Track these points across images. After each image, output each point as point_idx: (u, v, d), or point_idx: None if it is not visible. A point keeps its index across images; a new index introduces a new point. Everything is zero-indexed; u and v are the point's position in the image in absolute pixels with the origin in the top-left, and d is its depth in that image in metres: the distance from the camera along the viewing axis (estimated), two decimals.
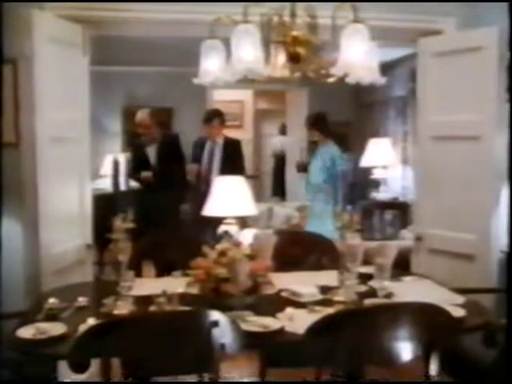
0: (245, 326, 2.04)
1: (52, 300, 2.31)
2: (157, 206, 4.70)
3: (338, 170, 4.69)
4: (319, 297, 2.51)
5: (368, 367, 2.13)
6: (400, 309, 2.04)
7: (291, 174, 8.14)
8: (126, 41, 4.56)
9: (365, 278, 2.68)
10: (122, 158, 5.79)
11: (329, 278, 2.69)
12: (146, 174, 4.91)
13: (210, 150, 5.05)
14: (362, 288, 2.61)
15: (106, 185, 5.92)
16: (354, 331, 1.90)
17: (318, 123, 4.89)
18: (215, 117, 5.09)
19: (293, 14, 2.38)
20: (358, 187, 7.11)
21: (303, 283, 2.62)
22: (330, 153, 4.76)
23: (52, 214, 3.16)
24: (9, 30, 3.02)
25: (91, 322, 2.10)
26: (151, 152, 5.04)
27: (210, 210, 3.56)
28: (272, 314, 2.25)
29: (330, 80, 2.35)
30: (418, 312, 1.99)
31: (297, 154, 7.94)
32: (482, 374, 2.46)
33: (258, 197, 7.14)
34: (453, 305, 2.28)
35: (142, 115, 5.00)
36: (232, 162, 4.94)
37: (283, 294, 2.56)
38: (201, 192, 4.60)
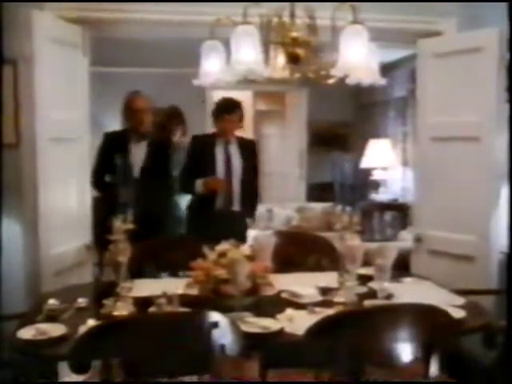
0: (245, 327, 2.04)
1: (52, 301, 2.31)
2: None
3: None
4: (319, 298, 2.50)
5: (368, 368, 2.13)
6: (400, 310, 2.04)
7: (291, 175, 8.15)
8: (126, 42, 4.56)
9: (365, 279, 2.68)
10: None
11: (329, 279, 2.68)
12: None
13: (226, 153, 3.83)
14: (362, 289, 2.60)
15: None
16: (353, 332, 1.90)
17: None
18: (237, 108, 3.78)
19: (292, 15, 2.38)
20: (357, 188, 7.14)
21: (303, 284, 2.62)
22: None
23: (52, 215, 3.16)
24: (9, 30, 3.02)
25: (91, 323, 2.10)
26: (139, 153, 3.75)
27: None
28: (272, 315, 2.24)
29: (330, 81, 2.35)
30: (418, 313, 1.99)
31: (296, 155, 8.00)
32: (482, 374, 2.46)
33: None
34: (453, 306, 2.27)
35: (137, 97, 3.78)
36: (250, 169, 3.90)
37: (283, 295, 2.55)
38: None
